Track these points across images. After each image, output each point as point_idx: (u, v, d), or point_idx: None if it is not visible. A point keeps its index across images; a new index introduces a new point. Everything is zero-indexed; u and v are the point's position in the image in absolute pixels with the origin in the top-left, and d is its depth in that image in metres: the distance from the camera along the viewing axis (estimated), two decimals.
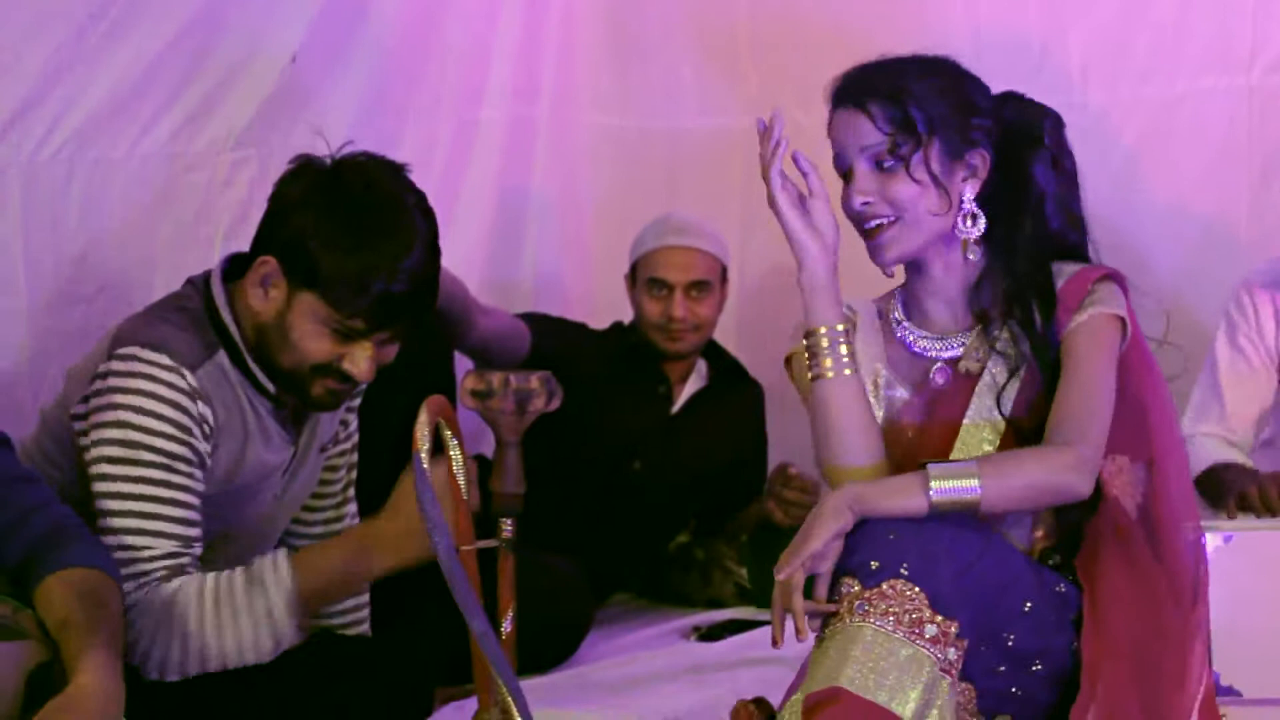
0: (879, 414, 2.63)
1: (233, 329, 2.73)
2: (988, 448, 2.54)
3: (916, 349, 2.65)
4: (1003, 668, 2.39)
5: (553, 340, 3.99)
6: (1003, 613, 2.38)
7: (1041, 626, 2.43)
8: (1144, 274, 2.79)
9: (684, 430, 4.13)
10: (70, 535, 2.45)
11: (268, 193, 2.79)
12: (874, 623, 2.29)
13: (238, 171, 3.68)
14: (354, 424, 3.10)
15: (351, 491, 3.15)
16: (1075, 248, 2.64)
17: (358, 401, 3.07)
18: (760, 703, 2.67)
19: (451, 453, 2.10)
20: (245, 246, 3.61)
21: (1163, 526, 2.51)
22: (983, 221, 2.59)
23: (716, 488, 4.18)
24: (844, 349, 2.56)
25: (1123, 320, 2.54)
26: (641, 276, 4.10)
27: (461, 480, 2.11)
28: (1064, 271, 2.59)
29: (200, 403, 2.68)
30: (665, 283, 4.06)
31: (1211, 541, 2.60)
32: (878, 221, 2.57)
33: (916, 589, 2.30)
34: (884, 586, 2.31)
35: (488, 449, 3.92)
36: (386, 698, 2.96)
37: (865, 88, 2.58)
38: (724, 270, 4.14)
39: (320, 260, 2.65)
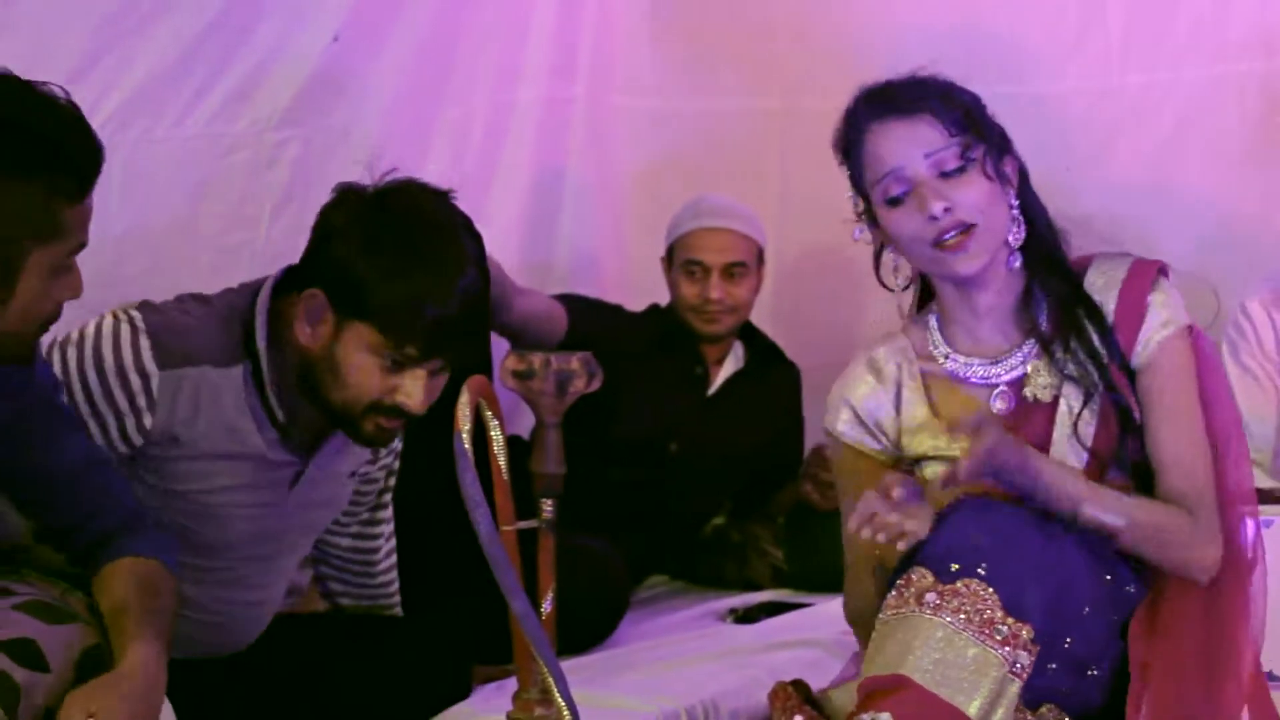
0: (946, 456, 2.51)
1: (261, 349, 2.67)
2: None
3: (976, 380, 2.57)
4: (1053, 665, 2.38)
5: (589, 322, 4.00)
6: (1065, 613, 2.37)
7: (1101, 629, 2.42)
8: (1179, 258, 2.77)
9: (720, 412, 4.13)
10: (138, 527, 2.46)
11: (311, 174, 2.79)
12: (945, 619, 2.28)
13: (281, 152, 3.68)
14: (396, 440, 3.02)
15: (388, 496, 3.12)
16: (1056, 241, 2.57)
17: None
18: (799, 684, 2.66)
19: (492, 433, 2.09)
20: (290, 228, 3.65)
21: (1221, 509, 2.51)
22: (1024, 226, 2.52)
23: (753, 470, 4.18)
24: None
25: (1190, 328, 2.52)
26: (678, 258, 4.10)
27: (502, 460, 2.10)
28: (1104, 270, 2.55)
29: (142, 394, 2.61)
30: (701, 264, 4.05)
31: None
32: (957, 232, 2.45)
33: (990, 589, 2.28)
34: (958, 585, 2.29)
35: (523, 430, 3.95)
36: (425, 677, 2.98)
37: (915, 97, 2.48)
38: (760, 252, 4.14)
39: (370, 287, 2.58)
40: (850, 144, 2.54)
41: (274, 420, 2.69)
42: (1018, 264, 2.54)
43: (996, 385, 2.55)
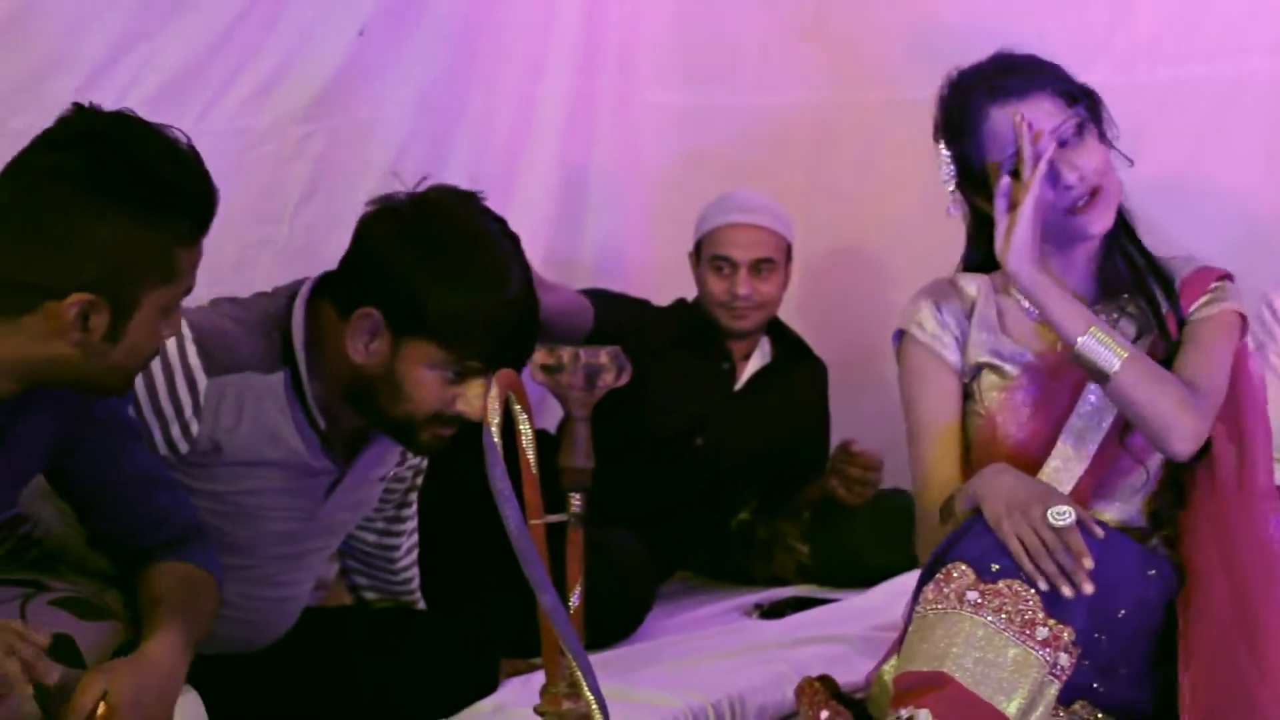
0: (996, 382, 2.66)
1: (300, 353, 2.66)
2: (1107, 408, 2.57)
3: (1039, 317, 2.66)
4: (1087, 662, 2.38)
5: (616, 316, 3.99)
6: (1104, 613, 2.37)
7: (1135, 631, 2.42)
8: (1206, 254, 2.79)
9: (747, 407, 4.13)
10: (192, 539, 2.49)
11: (334, 168, 2.78)
12: (986, 618, 2.28)
13: (305, 146, 3.68)
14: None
15: (413, 495, 3.14)
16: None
17: None
18: (825, 679, 2.67)
19: (521, 427, 2.09)
20: (313, 223, 3.65)
21: (1251, 501, 2.52)
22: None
23: (779, 465, 4.17)
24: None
25: (1243, 317, 2.62)
26: (706, 254, 4.09)
27: (531, 454, 2.10)
28: (1177, 266, 2.67)
29: (189, 402, 2.59)
30: (730, 260, 4.05)
31: None
32: (1085, 197, 2.60)
33: (1032, 590, 2.29)
34: (1000, 585, 2.30)
35: (549, 424, 3.95)
36: (452, 671, 2.99)
37: (1030, 76, 2.61)
38: (788, 248, 4.13)
39: (429, 305, 2.57)
40: (964, 126, 2.64)
41: (315, 427, 2.68)
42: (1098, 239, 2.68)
43: None
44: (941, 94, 2.70)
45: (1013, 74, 2.62)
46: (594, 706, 2.04)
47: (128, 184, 2.14)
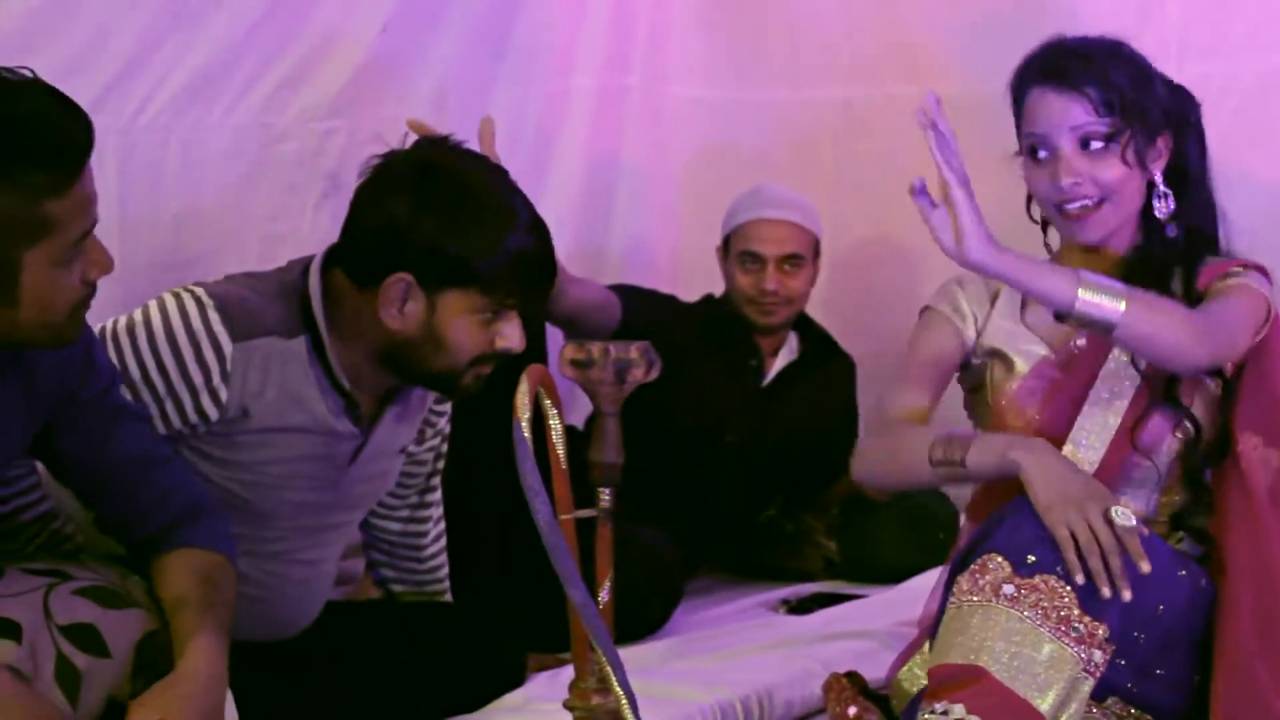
0: (1012, 373, 2.68)
1: (320, 318, 2.71)
2: (1119, 401, 2.56)
3: None
4: (1123, 662, 2.38)
5: (643, 312, 3.99)
6: (1140, 611, 2.37)
7: (1171, 631, 2.42)
8: (1235, 249, 2.79)
9: (775, 403, 4.13)
10: (197, 517, 2.47)
11: (358, 163, 2.78)
12: (1023, 613, 2.28)
13: (328, 142, 3.69)
14: (441, 421, 3.09)
15: (437, 480, 3.16)
16: (1213, 234, 2.71)
17: (448, 404, 3.07)
18: (853, 676, 2.67)
19: (551, 422, 2.09)
20: (335, 217, 3.65)
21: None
22: (1172, 199, 2.66)
23: (807, 461, 4.17)
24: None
25: (1268, 300, 2.61)
26: (734, 249, 4.10)
27: (561, 450, 2.11)
28: (1210, 260, 2.67)
29: (216, 367, 2.63)
30: (758, 255, 4.05)
31: None
32: (1084, 203, 2.62)
33: (1068, 586, 2.29)
34: (1036, 580, 2.30)
35: (577, 420, 3.96)
36: (480, 665, 3.00)
37: (1077, 71, 2.61)
38: (817, 244, 4.13)
39: (462, 255, 2.64)
40: (1017, 94, 2.68)
41: (339, 389, 2.73)
42: (1175, 232, 2.68)
43: None
44: None
45: (1065, 63, 2.64)
46: (623, 702, 2.05)
47: None
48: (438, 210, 2.65)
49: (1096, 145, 2.59)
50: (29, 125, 2.09)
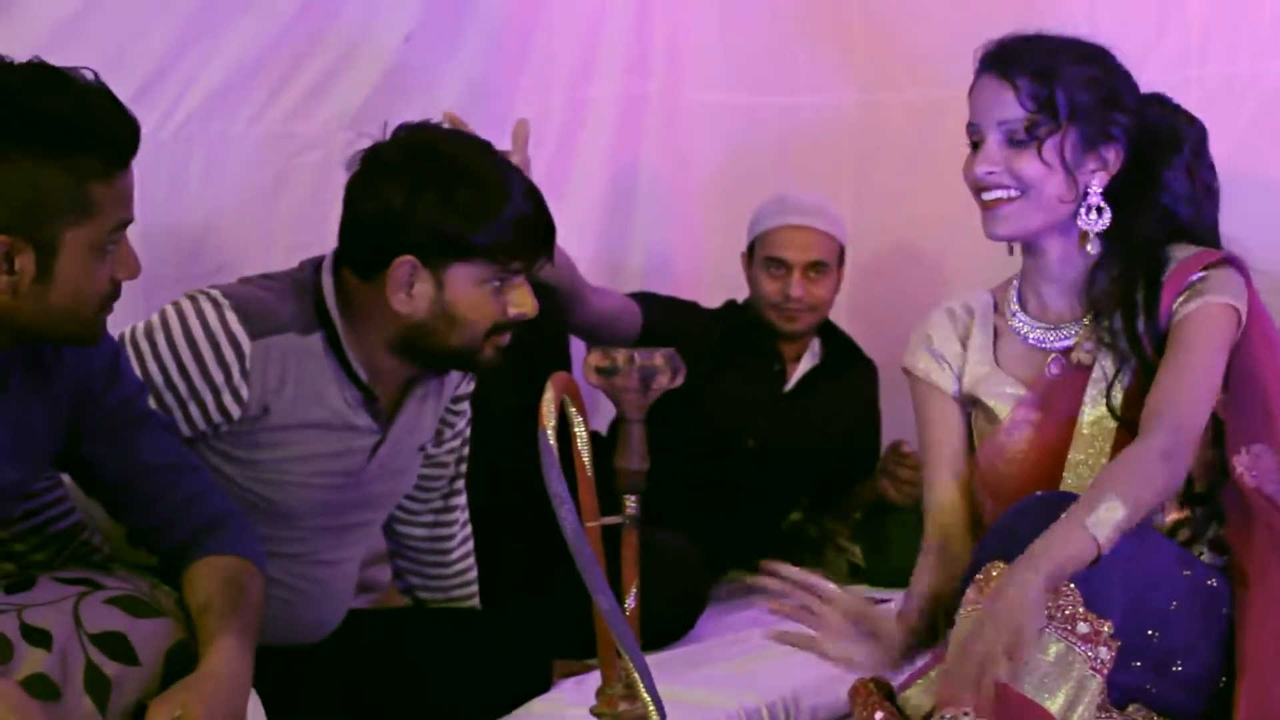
0: (994, 410, 2.64)
1: (335, 314, 2.74)
2: (1103, 444, 2.55)
3: (1031, 340, 2.67)
4: (1139, 663, 2.37)
5: (664, 319, 4.00)
6: (1150, 609, 2.37)
7: (1187, 626, 2.41)
8: (1255, 249, 2.77)
9: (798, 408, 4.13)
10: (224, 524, 2.49)
11: None
12: None
13: (351, 151, 3.70)
14: (460, 422, 3.10)
15: (461, 483, 3.17)
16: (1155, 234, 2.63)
17: (466, 402, 3.08)
18: (878, 681, 2.66)
19: (576, 429, 2.10)
20: None
21: None
22: (1108, 216, 2.59)
23: (830, 466, 4.17)
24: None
25: (1236, 310, 2.53)
26: (759, 255, 4.10)
27: (586, 457, 2.11)
28: (1176, 256, 2.59)
29: (236, 365, 2.66)
30: (784, 262, 4.05)
31: None
32: (998, 194, 2.58)
33: (1072, 585, 2.28)
34: None
35: (600, 425, 3.96)
36: (506, 671, 3.00)
37: (1016, 61, 2.58)
38: (842, 251, 4.13)
39: (463, 229, 2.68)
40: (971, 84, 2.65)
41: (356, 383, 2.75)
42: (1096, 248, 2.61)
43: (1051, 351, 2.64)
44: None
45: (1004, 52, 2.60)
46: (650, 708, 2.06)
47: (27, 126, 2.18)
48: (432, 189, 2.69)
49: (1020, 138, 2.55)
50: (85, 114, 2.21)
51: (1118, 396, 2.55)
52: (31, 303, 2.21)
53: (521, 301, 2.75)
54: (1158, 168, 2.63)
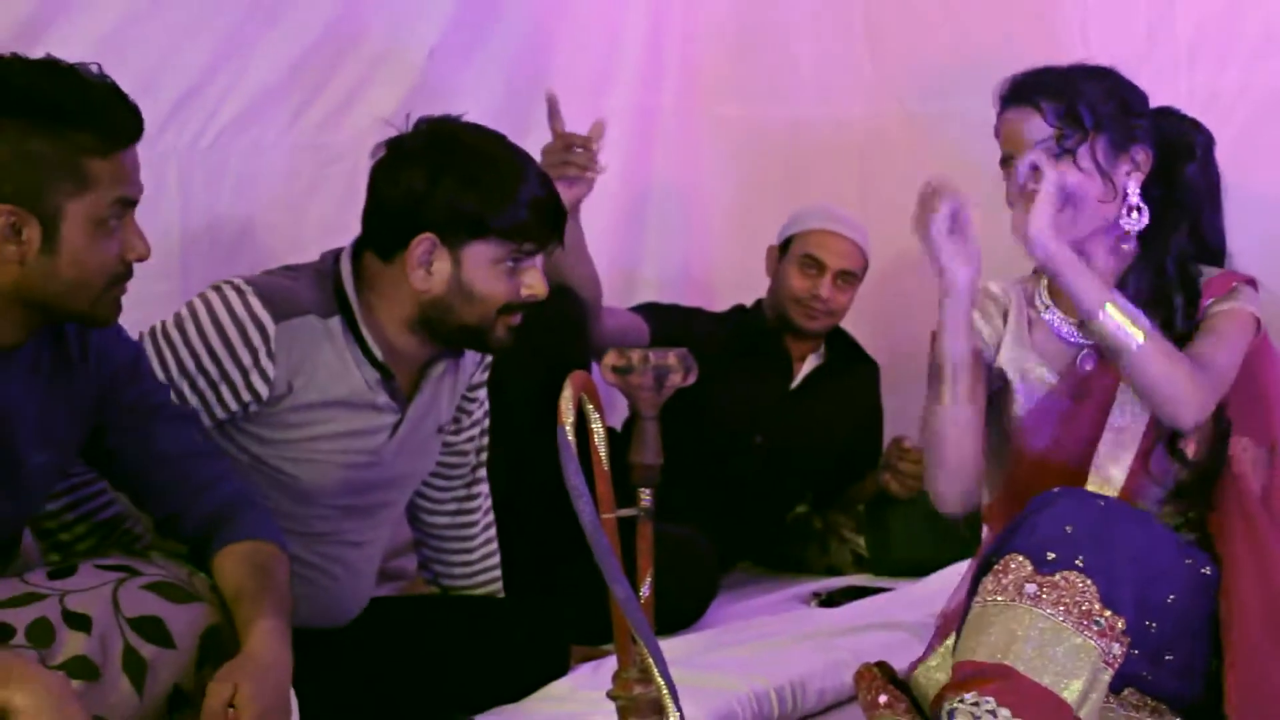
0: (1020, 401, 2.65)
1: (353, 298, 2.77)
2: (1135, 430, 2.56)
3: (1063, 333, 2.68)
4: (1137, 652, 2.38)
5: (669, 327, 4.01)
6: (1152, 602, 2.37)
7: (1181, 619, 2.41)
8: (1244, 256, 2.78)
9: (803, 405, 4.14)
10: (243, 508, 2.49)
11: None
12: (1046, 611, 2.28)
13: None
14: (478, 411, 3.11)
15: (482, 472, 3.18)
16: (1215, 255, 2.67)
17: (483, 391, 3.10)
18: (882, 666, 2.67)
19: (593, 426, 2.10)
20: None
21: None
22: (1147, 215, 2.62)
23: (834, 460, 4.18)
24: (965, 382, 2.56)
25: (1258, 320, 2.58)
26: (795, 251, 4.10)
27: (603, 452, 2.12)
28: (1207, 273, 2.63)
29: (262, 347, 2.69)
30: (820, 263, 4.07)
31: None
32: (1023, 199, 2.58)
33: (1089, 581, 2.29)
34: (1057, 577, 2.29)
35: (615, 422, 3.96)
36: (525, 656, 3.01)
37: (1036, 87, 2.61)
38: (866, 268, 4.16)
39: (481, 208, 2.72)
40: (996, 123, 2.68)
41: (375, 363, 2.77)
42: (1132, 246, 2.65)
43: (1084, 346, 2.65)
44: None
45: (1018, 86, 2.64)
46: (664, 691, 2.05)
47: (22, 102, 2.22)
48: (452, 172, 2.72)
49: (1053, 153, 2.58)
50: (82, 93, 2.25)
51: None
52: (40, 274, 2.24)
53: (533, 283, 2.78)
54: (1179, 172, 2.67)
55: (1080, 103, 2.58)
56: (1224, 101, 4.06)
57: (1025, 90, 2.62)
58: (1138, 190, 2.61)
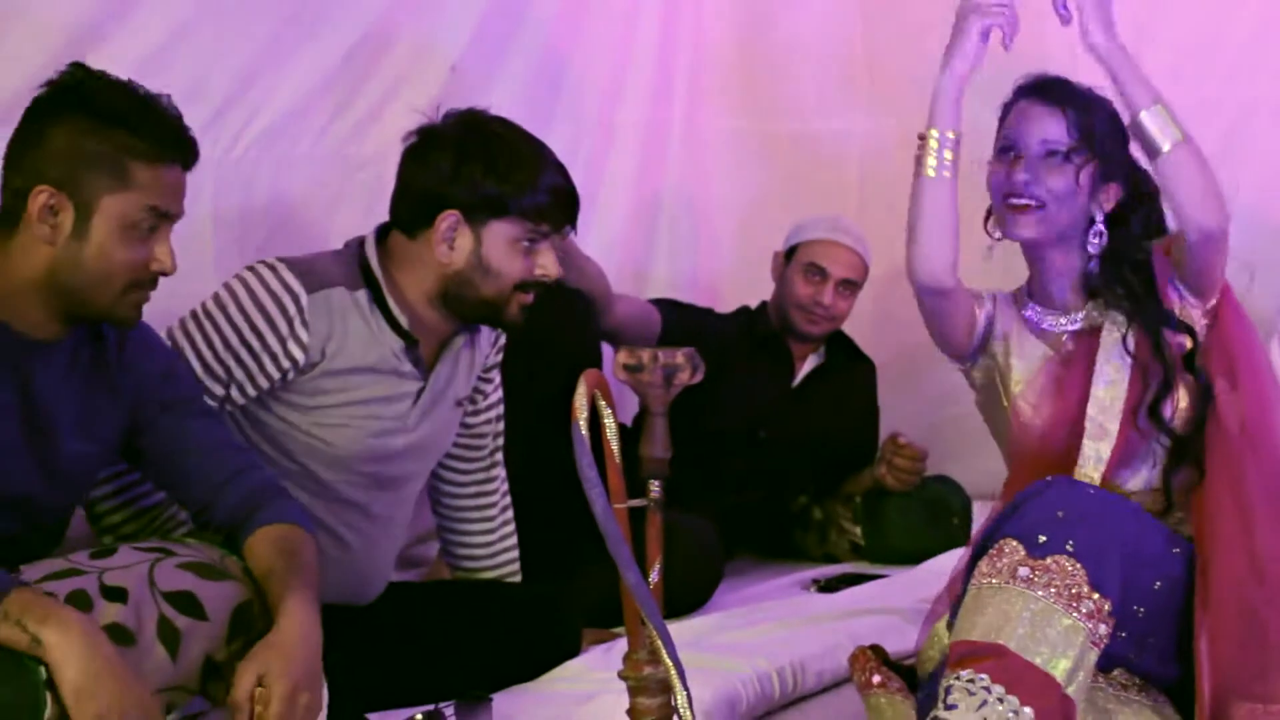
0: (1019, 365, 2.73)
1: (378, 273, 2.83)
2: (1120, 382, 2.61)
3: (1044, 325, 2.75)
4: (1124, 634, 2.39)
5: (682, 322, 4.01)
6: (1139, 587, 2.38)
7: (1167, 605, 2.43)
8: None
9: (803, 402, 4.14)
10: (272, 496, 2.52)
11: None
12: (1038, 594, 2.29)
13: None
14: (493, 395, 3.14)
15: (499, 456, 3.21)
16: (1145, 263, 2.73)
17: (497, 375, 3.14)
18: (876, 649, 2.68)
19: (606, 420, 2.11)
20: None
21: (1260, 441, 2.54)
22: (1105, 239, 2.70)
23: (833, 454, 4.18)
24: (948, 155, 2.66)
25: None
26: (801, 259, 4.11)
27: (615, 445, 2.12)
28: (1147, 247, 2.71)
29: (296, 316, 2.75)
30: (824, 271, 4.07)
31: None
32: (1025, 201, 2.67)
33: (1079, 565, 2.30)
34: (1049, 561, 2.30)
35: (625, 418, 3.98)
36: (537, 636, 3.03)
37: (1065, 94, 2.68)
38: (865, 277, 4.17)
39: (503, 190, 2.79)
40: (1006, 107, 2.74)
41: (399, 330, 2.83)
42: (1094, 263, 2.72)
43: (1064, 333, 2.73)
44: None
45: (1053, 86, 2.71)
46: (672, 671, 2.05)
47: (84, 103, 2.30)
48: (479, 157, 2.80)
49: (1057, 157, 2.65)
50: (141, 105, 2.34)
51: (1131, 340, 2.64)
52: (68, 261, 2.29)
53: (546, 263, 2.84)
54: (1135, 209, 2.73)
55: (1098, 125, 2.66)
56: (1203, 113, 4.07)
57: (1054, 91, 2.69)
58: (1103, 218, 2.70)
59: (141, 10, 3.14)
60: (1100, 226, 2.70)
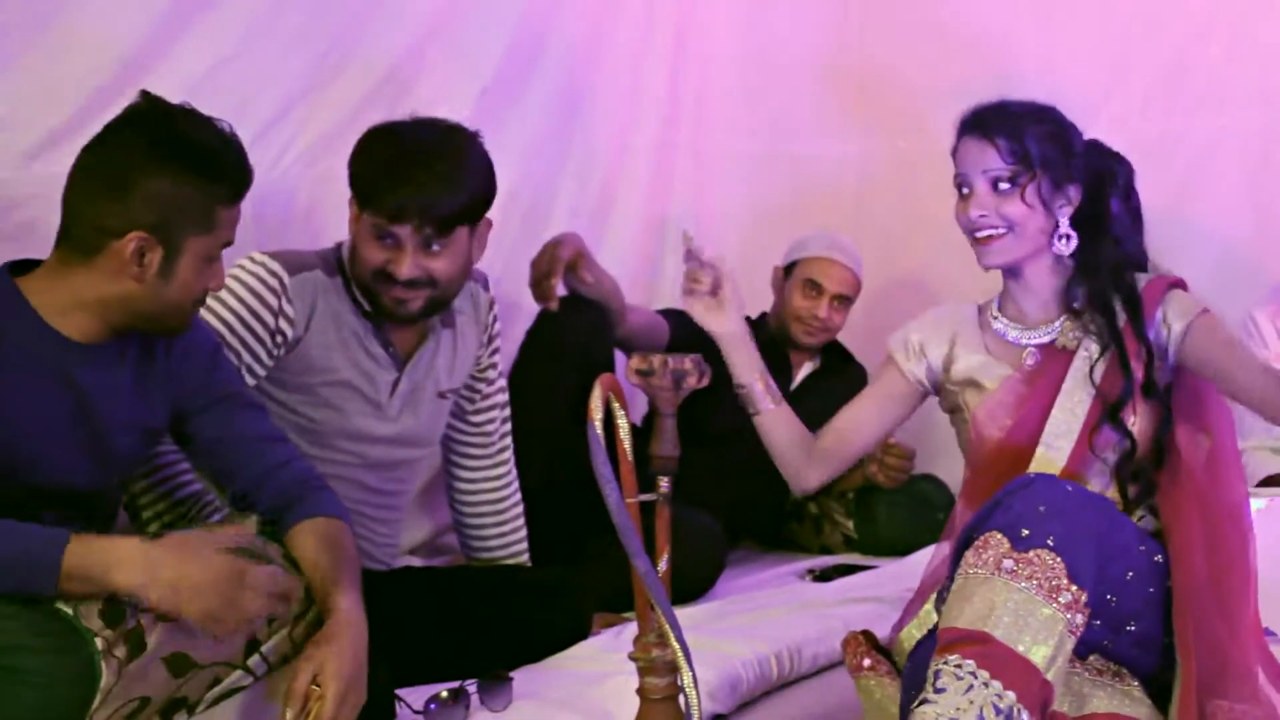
0: (979, 384, 2.69)
1: (348, 266, 2.88)
2: (1080, 409, 2.56)
3: (1010, 338, 2.71)
4: (1098, 622, 2.37)
5: (689, 331, 3.95)
6: (1110, 578, 2.36)
7: (1138, 593, 2.41)
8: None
9: (800, 404, 4.06)
10: (310, 488, 2.49)
11: None
12: (1021, 585, 2.28)
13: None
14: (496, 396, 3.14)
15: (507, 454, 3.21)
16: (1140, 268, 2.70)
17: (493, 373, 3.14)
18: (867, 634, 2.66)
19: (619, 421, 2.10)
20: None
21: (1220, 483, 2.51)
22: (1075, 239, 2.65)
23: None
24: (761, 388, 2.85)
25: (1205, 309, 2.60)
26: (799, 274, 4.12)
27: (628, 444, 2.11)
28: (1142, 279, 2.65)
29: (282, 293, 2.78)
30: (821, 287, 4.09)
31: (1254, 505, 2.60)
32: (989, 232, 2.63)
33: (1058, 558, 2.28)
34: (1031, 554, 2.28)
35: (635, 418, 3.96)
36: (548, 619, 3.01)
37: (994, 124, 2.63)
38: (859, 291, 4.17)
39: (356, 178, 2.83)
40: (955, 143, 2.70)
41: (365, 313, 2.88)
42: (1068, 267, 2.67)
43: (1028, 346, 2.69)
44: None
45: (983, 118, 2.66)
46: (679, 653, 2.05)
47: (178, 150, 2.26)
48: (371, 145, 2.84)
49: (1004, 186, 2.61)
50: (225, 149, 2.32)
51: (1099, 372, 2.59)
52: (151, 293, 2.28)
53: (398, 264, 2.79)
54: (1105, 199, 2.68)
55: (1031, 144, 2.61)
56: (1169, 146, 4.07)
57: (985, 125, 2.64)
58: (1067, 220, 2.65)
59: (191, 36, 3.14)
60: (1064, 230, 2.65)
